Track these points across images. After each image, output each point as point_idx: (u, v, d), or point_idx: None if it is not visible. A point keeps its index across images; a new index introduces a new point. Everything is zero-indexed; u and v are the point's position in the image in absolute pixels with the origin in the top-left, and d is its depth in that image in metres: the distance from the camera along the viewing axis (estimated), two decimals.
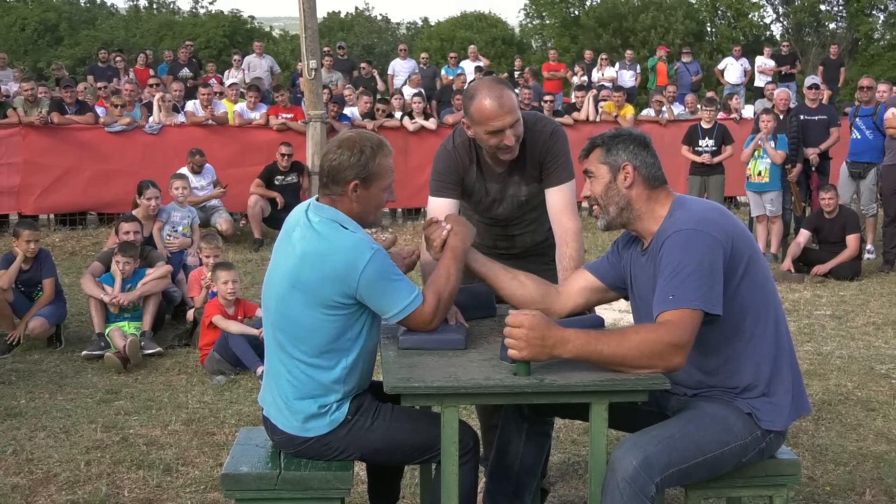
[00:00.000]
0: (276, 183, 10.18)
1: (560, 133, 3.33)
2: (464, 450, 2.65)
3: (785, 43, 18.49)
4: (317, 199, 2.82)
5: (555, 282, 3.11)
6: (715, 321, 2.53)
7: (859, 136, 9.61)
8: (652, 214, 2.70)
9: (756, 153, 9.36)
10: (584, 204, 5.74)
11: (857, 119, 9.63)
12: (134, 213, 7.29)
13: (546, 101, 12.33)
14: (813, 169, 9.88)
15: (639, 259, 2.77)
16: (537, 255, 3.31)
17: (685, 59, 17.29)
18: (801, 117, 9.94)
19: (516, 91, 3.33)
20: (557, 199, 3.29)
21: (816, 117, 9.88)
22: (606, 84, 14.41)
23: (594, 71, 16.28)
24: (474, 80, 14.65)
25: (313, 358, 2.71)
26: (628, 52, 18.10)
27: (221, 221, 9.87)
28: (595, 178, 2.75)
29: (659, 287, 2.53)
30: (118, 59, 15.51)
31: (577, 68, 16.50)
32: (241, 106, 11.60)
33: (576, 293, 2.94)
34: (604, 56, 16.86)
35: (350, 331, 2.72)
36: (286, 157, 10.15)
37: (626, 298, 2.92)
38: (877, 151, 9.59)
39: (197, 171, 9.82)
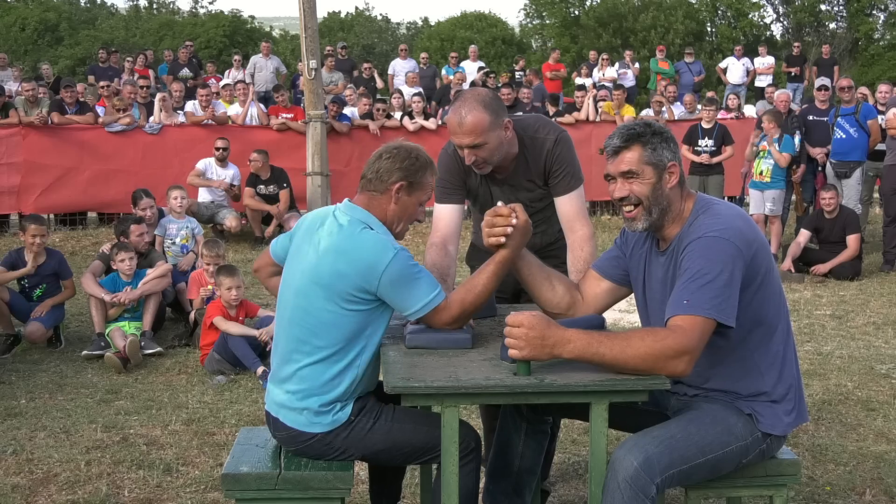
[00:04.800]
0: (259, 192, 10.15)
1: (564, 140, 3.30)
2: (465, 450, 2.65)
3: (796, 44, 18.52)
4: (349, 200, 2.85)
5: None
6: (725, 331, 2.52)
7: (843, 136, 9.63)
8: (675, 212, 2.66)
9: (761, 153, 9.38)
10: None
11: (840, 119, 9.65)
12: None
13: (539, 104, 12.27)
14: (819, 169, 9.89)
15: (656, 258, 2.74)
16: (549, 258, 3.27)
17: (688, 59, 17.28)
18: (810, 118, 9.95)
19: (518, 91, 3.26)
20: (568, 208, 3.29)
21: (825, 118, 9.88)
22: (607, 84, 14.41)
23: (595, 70, 16.28)
24: (475, 79, 14.74)
25: (330, 354, 2.71)
26: (627, 52, 18.09)
27: (230, 218, 9.87)
28: (639, 179, 2.62)
29: (675, 290, 2.51)
30: (128, 59, 15.48)
31: (583, 69, 16.49)
32: (236, 107, 11.56)
33: (596, 300, 2.91)
34: (604, 56, 16.86)
35: (369, 328, 2.73)
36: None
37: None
38: (861, 150, 9.61)
39: (222, 160, 9.89)
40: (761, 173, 9.38)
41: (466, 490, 2.68)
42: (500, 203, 2.80)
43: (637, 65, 17.25)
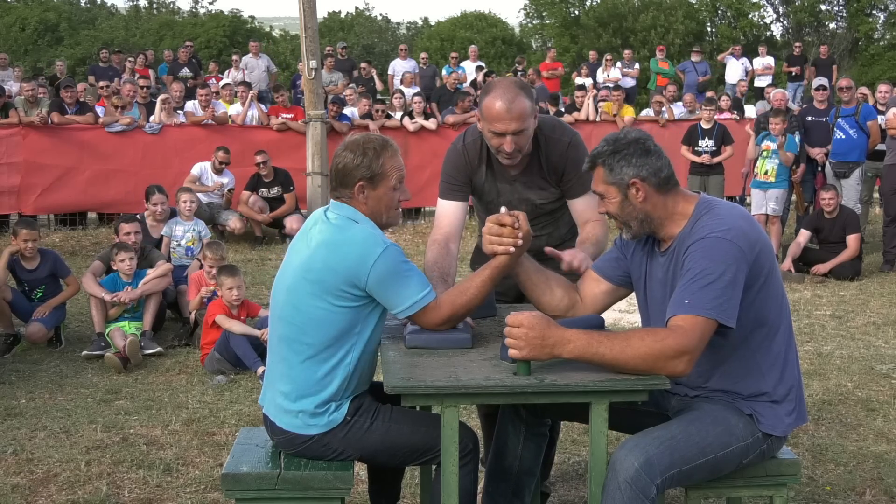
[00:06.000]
0: (261, 195, 10.17)
1: (578, 144, 3.29)
2: (463, 451, 2.65)
3: (797, 44, 18.53)
4: (335, 200, 2.85)
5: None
6: (726, 331, 2.51)
7: (843, 136, 9.63)
8: (672, 218, 2.65)
9: (765, 153, 9.37)
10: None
11: (840, 119, 9.66)
12: (144, 214, 7.34)
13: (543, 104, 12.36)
14: (819, 169, 9.90)
15: (657, 258, 2.73)
16: (552, 259, 3.27)
17: (694, 58, 17.25)
18: (809, 118, 9.96)
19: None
20: (583, 207, 3.28)
21: (824, 119, 9.88)
22: (609, 85, 14.40)
23: (599, 71, 16.25)
24: (475, 79, 14.74)
25: (318, 352, 2.71)
26: (627, 52, 18.03)
27: (234, 220, 9.87)
28: (607, 199, 2.67)
29: (677, 290, 2.51)
30: (128, 59, 15.48)
31: (583, 69, 16.47)
32: (237, 107, 11.56)
33: (595, 301, 2.91)
34: (608, 56, 16.83)
35: (358, 326, 2.72)
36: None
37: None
38: (861, 150, 9.61)
39: (219, 169, 9.87)
40: (766, 173, 9.37)
41: (465, 490, 2.67)
42: (503, 209, 2.79)
43: (637, 65, 17.24)
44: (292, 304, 2.74)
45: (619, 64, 16.76)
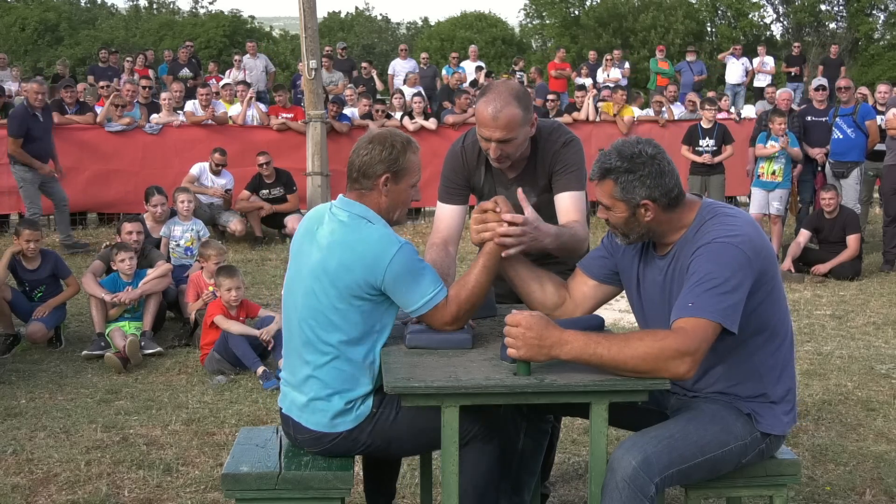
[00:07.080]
0: (262, 196, 10.18)
1: (573, 144, 3.25)
2: (484, 433, 2.69)
3: (796, 44, 18.53)
4: (343, 196, 2.84)
5: None
6: (725, 336, 2.49)
7: (841, 136, 9.65)
8: (673, 228, 2.64)
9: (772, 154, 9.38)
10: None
11: (838, 119, 9.67)
12: (144, 216, 7.35)
13: (549, 100, 12.37)
14: (819, 169, 9.91)
15: (654, 262, 2.73)
16: (554, 264, 3.20)
17: (689, 58, 17.25)
18: (809, 118, 9.97)
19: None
20: (567, 206, 3.18)
21: (824, 119, 9.89)
22: (610, 85, 14.39)
23: (599, 71, 16.25)
24: (475, 79, 14.73)
25: (346, 347, 2.70)
26: (616, 52, 17.97)
27: (234, 222, 9.86)
28: (612, 212, 2.63)
29: (682, 293, 2.50)
30: (127, 59, 15.50)
31: (583, 69, 16.46)
32: (237, 107, 11.54)
33: (584, 299, 2.90)
34: (608, 57, 16.84)
35: (378, 323, 2.73)
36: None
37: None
38: (859, 150, 9.62)
39: (216, 171, 9.86)
40: (774, 173, 9.38)
41: (488, 471, 2.74)
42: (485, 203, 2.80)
43: (627, 64, 17.22)
44: (311, 307, 2.73)
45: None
